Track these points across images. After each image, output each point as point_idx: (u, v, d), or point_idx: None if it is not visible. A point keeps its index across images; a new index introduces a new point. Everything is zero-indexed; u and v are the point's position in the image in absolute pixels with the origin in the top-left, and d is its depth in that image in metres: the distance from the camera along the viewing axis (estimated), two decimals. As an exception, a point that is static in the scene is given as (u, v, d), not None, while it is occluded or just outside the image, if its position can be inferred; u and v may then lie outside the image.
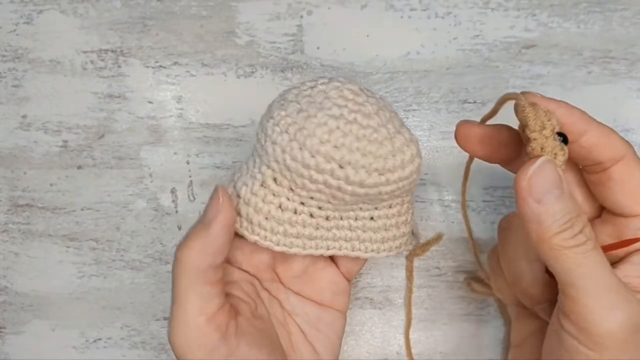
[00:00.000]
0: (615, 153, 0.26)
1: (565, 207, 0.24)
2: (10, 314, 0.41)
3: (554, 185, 0.24)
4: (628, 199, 0.27)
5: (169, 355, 0.40)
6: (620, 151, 0.26)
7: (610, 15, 0.37)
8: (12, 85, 0.40)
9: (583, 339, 0.24)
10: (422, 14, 0.38)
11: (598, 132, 0.26)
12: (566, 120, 0.26)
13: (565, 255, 0.24)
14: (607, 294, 0.24)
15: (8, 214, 0.41)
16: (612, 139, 0.26)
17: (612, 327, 0.24)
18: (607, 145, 0.26)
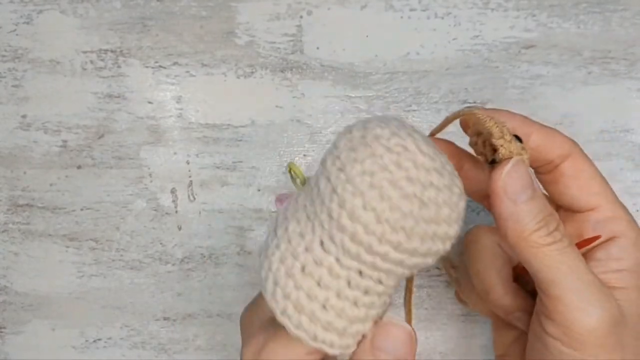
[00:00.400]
0: (563, 150, 0.27)
1: (539, 206, 0.24)
2: (10, 314, 0.41)
3: (527, 185, 0.24)
4: (582, 191, 0.27)
5: (168, 355, 0.40)
6: (567, 148, 0.27)
7: (609, 15, 0.37)
8: (12, 85, 0.40)
9: (566, 340, 0.24)
10: (422, 15, 0.38)
11: (542, 133, 0.27)
12: (509, 126, 0.26)
13: (543, 252, 0.24)
14: (587, 289, 0.24)
15: (8, 213, 0.41)
16: (556, 137, 0.27)
17: (594, 322, 0.24)
18: (553, 143, 0.27)
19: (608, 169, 0.37)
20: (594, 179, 0.27)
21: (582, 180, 0.27)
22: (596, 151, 0.37)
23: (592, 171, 0.27)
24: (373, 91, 0.38)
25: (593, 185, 0.27)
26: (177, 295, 0.40)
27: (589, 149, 0.37)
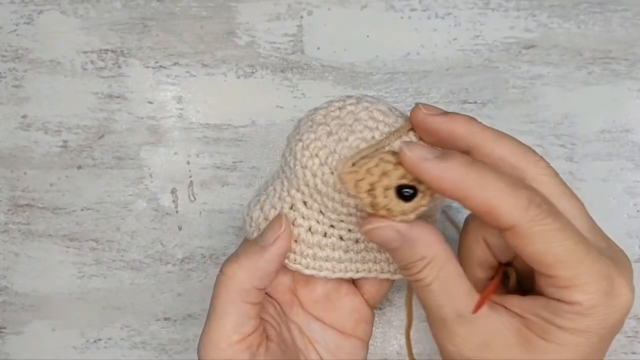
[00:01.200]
0: (504, 224, 0.23)
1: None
2: (10, 314, 0.41)
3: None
4: (534, 263, 0.24)
5: (169, 355, 0.40)
6: (510, 220, 0.23)
7: (610, 15, 0.37)
8: (13, 85, 0.40)
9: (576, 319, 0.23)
10: (422, 15, 0.38)
11: (479, 200, 0.23)
12: (441, 188, 0.24)
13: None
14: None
15: (8, 214, 0.41)
16: (502, 206, 0.23)
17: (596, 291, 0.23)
18: (495, 216, 0.23)
19: (608, 169, 0.37)
20: (545, 251, 0.23)
21: (528, 254, 0.24)
22: (596, 151, 0.37)
23: (540, 243, 0.23)
24: (373, 91, 0.38)
25: (544, 257, 0.24)
26: (177, 296, 0.40)
27: (590, 149, 0.38)
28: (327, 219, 0.29)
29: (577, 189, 0.37)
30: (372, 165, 0.25)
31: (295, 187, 0.28)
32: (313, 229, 0.29)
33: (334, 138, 0.27)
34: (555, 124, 0.38)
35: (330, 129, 0.27)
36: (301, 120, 0.29)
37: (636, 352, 0.38)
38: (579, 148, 0.38)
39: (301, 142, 0.27)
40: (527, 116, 0.38)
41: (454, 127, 0.26)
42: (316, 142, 0.27)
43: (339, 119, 0.27)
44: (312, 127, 0.27)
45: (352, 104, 0.28)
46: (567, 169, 0.38)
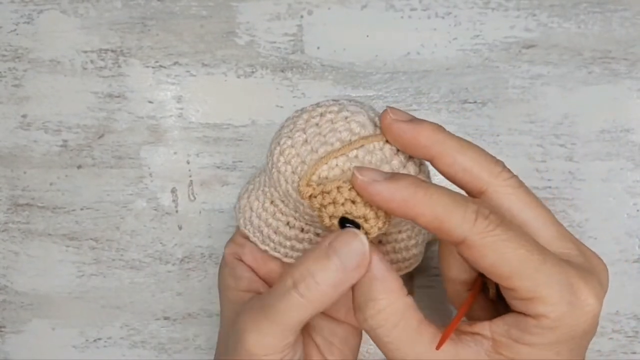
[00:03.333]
0: (453, 237, 0.24)
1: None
2: (10, 313, 0.41)
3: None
4: (491, 275, 0.24)
5: (168, 355, 0.40)
6: (460, 233, 0.23)
7: (610, 15, 0.37)
8: (12, 84, 0.40)
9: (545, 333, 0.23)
10: (422, 14, 0.38)
11: (428, 218, 0.24)
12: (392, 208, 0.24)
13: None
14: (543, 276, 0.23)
15: (8, 213, 0.41)
16: (452, 218, 0.23)
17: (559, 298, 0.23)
18: (442, 230, 0.24)
19: (608, 168, 0.37)
20: (499, 263, 0.23)
21: (485, 268, 0.24)
22: (596, 151, 0.37)
23: (493, 255, 0.23)
24: (373, 91, 0.38)
25: (500, 269, 0.23)
26: (177, 295, 0.40)
27: (589, 148, 0.38)
28: (302, 217, 0.29)
29: (577, 189, 0.38)
30: (328, 189, 0.25)
31: (273, 186, 0.29)
32: (291, 224, 0.30)
33: (307, 148, 0.27)
34: (555, 124, 0.38)
35: (306, 137, 0.27)
36: (287, 120, 0.29)
37: (636, 352, 0.38)
38: (579, 148, 0.38)
39: (279, 147, 0.27)
40: (527, 116, 0.38)
41: (418, 135, 0.26)
42: (291, 149, 0.27)
43: (317, 127, 0.27)
44: (291, 132, 0.27)
45: (332, 112, 0.27)
46: (567, 169, 0.38)
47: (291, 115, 0.29)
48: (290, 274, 0.25)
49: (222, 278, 0.32)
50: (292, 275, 0.25)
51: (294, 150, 0.27)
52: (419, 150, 0.26)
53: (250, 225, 0.31)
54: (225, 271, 0.32)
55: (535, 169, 0.38)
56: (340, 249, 0.24)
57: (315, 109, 0.28)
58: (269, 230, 0.30)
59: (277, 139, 0.28)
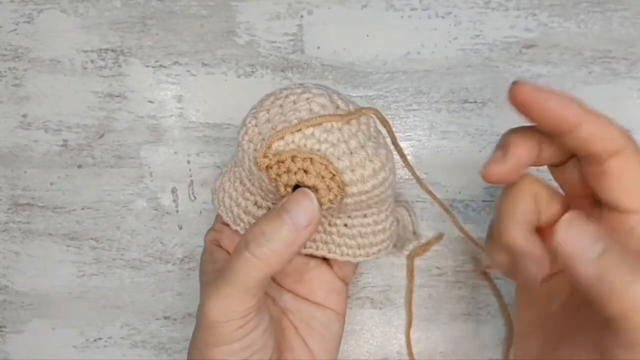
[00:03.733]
0: (612, 146, 0.25)
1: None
2: (10, 313, 0.41)
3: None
4: (626, 194, 0.26)
5: (169, 354, 0.40)
6: (617, 145, 0.25)
7: (610, 15, 0.37)
8: (13, 84, 0.40)
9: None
10: (423, 14, 0.38)
11: (593, 125, 0.26)
12: (557, 113, 0.25)
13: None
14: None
15: (8, 213, 0.41)
16: (608, 131, 0.25)
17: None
18: (602, 137, 0.25)
19: (609, 168, 0.37)
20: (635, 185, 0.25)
21: (627, 181, 0.25)
22: (597, 151, 0.37)
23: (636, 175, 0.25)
24: (374, 90, 0.38)
25: (638, 189, 0.25)
26: (177, 295, 0.40)
27: (590, 148, 0.38)
28: (267, 196, 0.30)
29: (577, 189, 0.38)
30: (282, 159, 0.27)
31: (240, 165, 0.30)
32: (259, 203, 0.30)
33: (268, 126, 0.27)
34: (556, 124, 0.38)
35: (269, 116, 0.28)
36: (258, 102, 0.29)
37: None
38: (579, 147, 0.38)
39: (244, 127, 0.28)
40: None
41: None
42: (254, 128, 0.28)
43: (280, 107, 0.28)
44: (256, 112, 0.28)
45: (296, 94, 0.28)
46: (567, 169, 0.38)
47: (260, 99, 0.29)
48: (244, 236, 0.26)
49: (201, 265, 0.33)
50: (245, 237, 0.26)
51: (256, 128, 0.28)
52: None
53: (223, 206, 0.32)
54: (204, 257, 0.33)
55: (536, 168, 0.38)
56: (291, 208, 0.26)
57: (281, 92, 0.29)
58: (239, 210, 0.31)
59: (245, 119, 0.29)
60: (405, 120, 0.38)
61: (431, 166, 0.38)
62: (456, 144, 0.38)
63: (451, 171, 0.38)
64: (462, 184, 0.38)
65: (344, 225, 0.31)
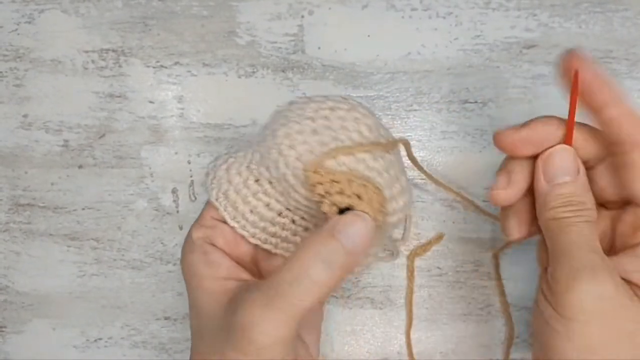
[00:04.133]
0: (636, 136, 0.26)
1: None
2: (10, 313, 0.41)
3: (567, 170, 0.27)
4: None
5: (169, 355, 0.40)
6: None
7: (611, 15, 0.37)
8: (14, 84, 0.40)
9: (556, 307, 0.25)
10: (423, 14, 0.38)
11: (620, 110, 0.26)
12: (591, 87, 0.26)
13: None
14: (581, 265, 0.25)
15: (9, 213, 0.41)
16: (634, 121, 0.26)
17: (577, 294, 0.25)
18: (627, 124, 0.26)
19: (609, 169, 0.37)
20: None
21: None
22: (597, 151, 0.37)
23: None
24: (374, 91, 0.38)
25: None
26: (177, 295, 0.40)
27: (590, 148, 0.37)
28: (286, 201, 0.29)
29: (578, 189, 0.38)
30: (338, 179, 0.26)
31: (265, 166, 0.29)
32: (271, 206, 0.30)
33: (316, 139, 0.27)
34: (556, 124, 0.38)
35: (316, 128, 0.27)
36: (292, 104, 0.29)
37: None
38: (580, 148, 0.38)
39: (284, 129, 0.28)
40: (528, 116, 0.37)
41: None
42: (298, 136, 0.27)
43: (326, 120, 0.28)
44: (299, 118, 0.28)
45: (343, 110, 0.28)
46: (568, 169, 0.38)
47: (296, 101, 0.29)
48: (299, 259, 0.25)
49: (191, 265, 0.30)
50: (301, 260, 0.25)
51: (301, 137, 0.27)
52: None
53: (224, 199, 0.30)
54: (195, 257, 0.29)
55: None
56: (351, 234, 0.25)
57: (324, 102, 0.28)
58: (244, 208, 0.30)
59: (282, 119, 0.28)
60: (405, 120, 0.38)
61: (431, 166, 0.38)
62: (457, 144, 0.38)
63: (451, 171, 0.38)
64: (463, 184, 0.38)
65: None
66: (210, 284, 0.29)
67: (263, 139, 0.29)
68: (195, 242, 0.30)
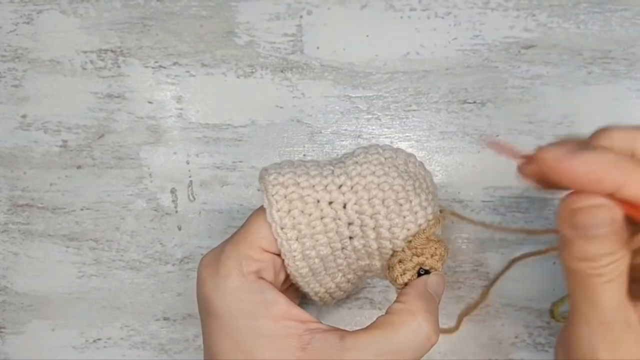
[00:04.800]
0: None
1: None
2: (10, 314, 0.41)
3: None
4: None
5: (168, 355, 0.40)
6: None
7: (610, 15, 0.37)
8: (12, 85, 0.40)
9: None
10: (422, 14, 0.38)
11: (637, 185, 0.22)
12: (588, 178, 0.23)
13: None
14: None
15: (8, 213, 0.41)
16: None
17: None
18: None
19: (608, 168, 0.37)
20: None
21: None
22: (596, 151, 0.37)
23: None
24: (373, 91, 0.38)
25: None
26: (177, 296, 0.40)
27: (589, 148, 0.37)
28: (349, 248, 0.30)
29: (577, 189, 0.38)
30: (428, 245, 0.29)
31: (359, 212, 0.28)
32: (332, 244, 0.29)
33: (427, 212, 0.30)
34: (555, 124, 0.38)
35: (424, 202, 0.30)
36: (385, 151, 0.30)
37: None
38: (579, 148, 0.38)
39: (402, 194, 0.29)
40: (527, 116, 0.38)
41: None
42: (412, 206, 0.29)
43: (425, 187, 0.30)
44: (415, 189, 0.29)
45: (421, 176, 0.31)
46: (567, 169, 0.38)
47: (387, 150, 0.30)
48: (411, 322, 0.28)
49: (240, 303, 0.26)
50: (412, 321, 0.27)
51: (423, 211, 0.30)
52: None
53: (300, 235, 0.28)
54: (248, 297, 0.26)
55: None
56: (437, 290, 0.30)
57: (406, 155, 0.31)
58: (315, 251, 0.28)
59: (404, 175, 0.29)
60: (404, 120, 0.38)
61: (430, 166, 0.38)
62: (455, 145, 0.38)
63: (450, 171, 0.38)
64: (461, 184, 0.38)
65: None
66: (271, 328, 0.26)
67: (359, 174, 0.29)
68: (247, 277, 0.27)
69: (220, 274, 0.27)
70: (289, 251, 0.27)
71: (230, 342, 0.26)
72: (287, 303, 0.27)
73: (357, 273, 0.32)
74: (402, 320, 0.27)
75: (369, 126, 0.39)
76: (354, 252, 0.30)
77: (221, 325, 0.27)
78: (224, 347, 0.27)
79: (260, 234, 0.27)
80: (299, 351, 0.25)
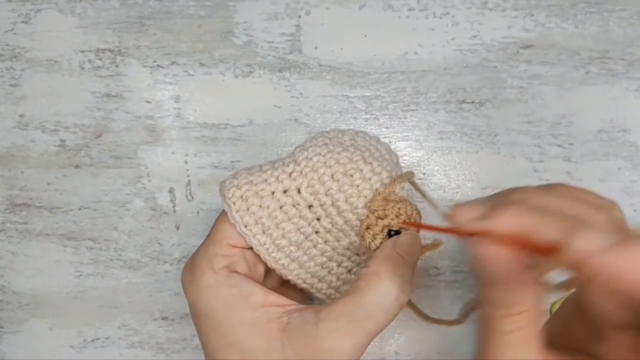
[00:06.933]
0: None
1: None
2: (7, 313, 0.41)
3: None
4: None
5: (166, 354, 0.40)
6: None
7: (607, 15, 0.37)
8: (10, 84, 0.40)
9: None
10: (420, 14, 0.38)
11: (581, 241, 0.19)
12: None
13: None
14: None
15: (5, 213, 0.41)
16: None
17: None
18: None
19: (606, 168, 0.38)
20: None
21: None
22: (594, 151, 0.37)
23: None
24: (371, 91, 0.38)
25: None
26: (175, 295, 0.40)
27: (587, 148, 0.38)
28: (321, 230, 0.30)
29: (575, 189, 0.38)
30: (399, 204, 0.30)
31: (314, 193, 0.29)
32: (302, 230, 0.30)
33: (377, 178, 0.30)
34: (553, 124, 0.38)
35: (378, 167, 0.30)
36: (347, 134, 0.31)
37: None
38: (577, 148, 0.38)
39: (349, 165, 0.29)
40: (525, 116, 0.38)
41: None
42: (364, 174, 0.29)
43: (378, 152, 0.31)
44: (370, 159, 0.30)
45: (373, 146, 0.31)
46: (565, 169, 0.38)
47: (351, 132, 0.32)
48: (377, 288, 0.27)
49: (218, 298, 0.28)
50: (389, 283, 0.27)
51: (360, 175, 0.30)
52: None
53: (257, 225, 0.29)
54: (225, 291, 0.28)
55: (533, 169, 0.38)
56: (408, 249, 0.29)
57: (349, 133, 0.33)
58: (277, 233, 0.29)
59: (344, 152, 0.30)
60: (403, 120, 0.38)
61: (428, 166, 0.38)
62: (454, 144, 0.38)
63: (448, 171, 0.38)
64: (460, 183, 0.38)
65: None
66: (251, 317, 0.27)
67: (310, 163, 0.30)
68: (220, 272, 0.28)
69: (195, 275, 0.28)
70: (260, 245, 0.29)
71: (218, 337, 0.28)
72: (263, 291, 0.28)
73: (350, 258, 0.32)
74: (368, 283, 0.27)
75: (367, 126, 0.39)
76: (329, 233, 0.30)
77: (207, 323, 0.28)
78: (214, 343, 0.28)
79: (227, 232, 0.29)
80: (280, 332, 0.27)
